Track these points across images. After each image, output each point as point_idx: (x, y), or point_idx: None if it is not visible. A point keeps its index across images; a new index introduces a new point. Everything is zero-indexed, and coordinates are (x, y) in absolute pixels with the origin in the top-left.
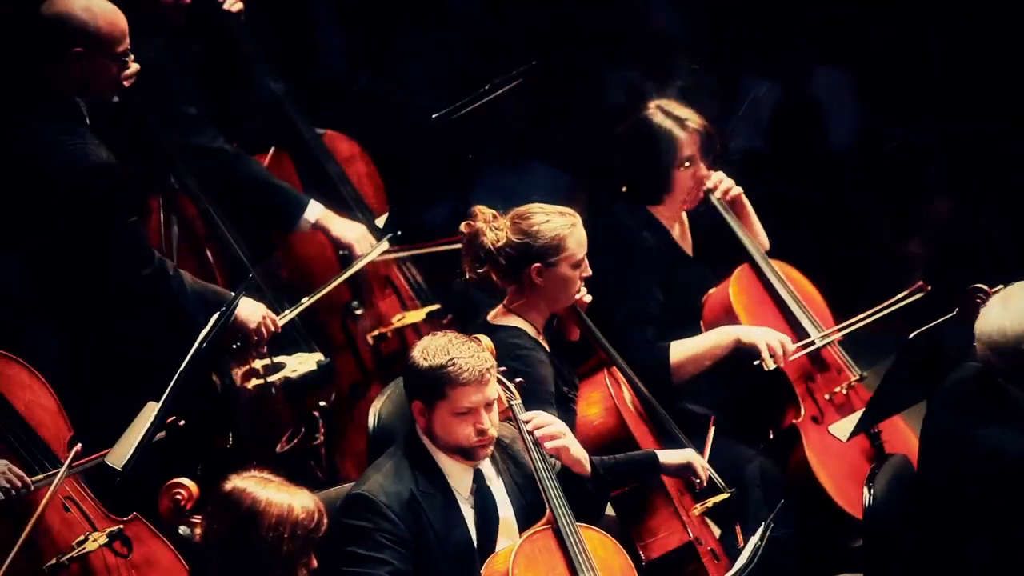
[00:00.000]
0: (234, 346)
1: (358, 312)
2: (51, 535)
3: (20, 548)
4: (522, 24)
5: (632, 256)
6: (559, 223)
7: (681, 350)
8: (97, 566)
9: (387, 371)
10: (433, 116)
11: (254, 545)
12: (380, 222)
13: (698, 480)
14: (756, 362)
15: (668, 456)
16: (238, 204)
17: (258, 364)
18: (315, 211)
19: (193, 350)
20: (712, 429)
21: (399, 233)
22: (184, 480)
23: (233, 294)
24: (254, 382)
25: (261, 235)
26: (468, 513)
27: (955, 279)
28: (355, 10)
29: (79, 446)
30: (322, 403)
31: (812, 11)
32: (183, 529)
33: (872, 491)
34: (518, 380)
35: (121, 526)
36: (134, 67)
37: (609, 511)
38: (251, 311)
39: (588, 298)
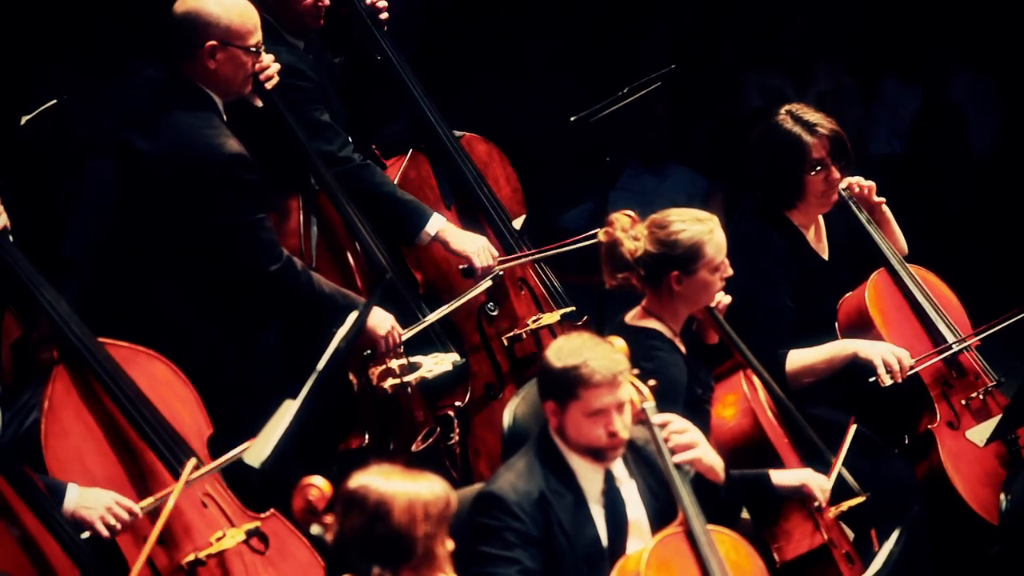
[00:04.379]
0: (364, 353)
1: (493, 313)
2: (189, 531)
3: (154, 544)
4: (662, 27)
5: (763, 260)
6: (697, 230)
7: (798, 359)
8: (234, 562)
9: (522, 372)
10: (572, 119)
11: (392, 532)
12: (517, 224)
13: (816, 502)
14: (872, 378)
15: (782, 477)
16: (364, 214)
17: (394, 364)
18: (436, 224)
19: (332, 348)
20: (852, 430)
21: (500, 273)
22: (317, 479)
23: (363, 298)
24: (390, 382)
25: (391, 242)
26: (598, 513)
27: None
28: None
29: (194, 462)
30: (457, 403)
31: (953, 16)
32: (315, 528)
33: (1009, 497)
34: (651, 383)
35: (258, 523)
36: (270, 61)
37: (743, 513)
38: (380, 320)
39: (727, 300)
